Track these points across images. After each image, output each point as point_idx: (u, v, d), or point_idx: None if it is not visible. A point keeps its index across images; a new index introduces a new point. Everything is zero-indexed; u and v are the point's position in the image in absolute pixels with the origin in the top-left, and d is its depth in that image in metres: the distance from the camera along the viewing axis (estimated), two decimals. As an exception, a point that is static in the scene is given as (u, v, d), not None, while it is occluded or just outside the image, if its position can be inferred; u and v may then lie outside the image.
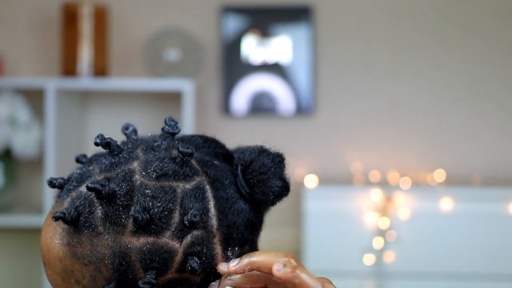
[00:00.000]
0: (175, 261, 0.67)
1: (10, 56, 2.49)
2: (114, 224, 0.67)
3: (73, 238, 0.68)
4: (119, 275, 0.67)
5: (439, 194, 2.14)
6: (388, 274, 2.12)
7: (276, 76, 2.46)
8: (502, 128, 2.46)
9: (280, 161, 0.73)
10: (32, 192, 2.49)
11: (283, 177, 0.73)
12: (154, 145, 0.73)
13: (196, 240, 0.68)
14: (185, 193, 0.68)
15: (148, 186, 0.68)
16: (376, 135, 2.47)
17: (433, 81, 2.47)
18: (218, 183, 0.71)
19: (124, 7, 2.50)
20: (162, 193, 0.68)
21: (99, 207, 0.68)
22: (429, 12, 2.47)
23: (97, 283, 0.68)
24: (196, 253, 0.68)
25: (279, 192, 0.72)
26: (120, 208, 0.67)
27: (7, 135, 2.25)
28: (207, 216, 0.69)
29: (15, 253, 2.52)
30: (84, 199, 0.69)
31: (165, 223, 0.67)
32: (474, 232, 2.12)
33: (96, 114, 2.52)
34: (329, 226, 2.14)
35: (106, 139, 0.71)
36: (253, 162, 0.72)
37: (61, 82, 2.23)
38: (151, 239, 0.67)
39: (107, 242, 0.67)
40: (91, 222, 0.67)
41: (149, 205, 0.67)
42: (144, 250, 0.66)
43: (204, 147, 0.76)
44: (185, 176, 0.69)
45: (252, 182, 0.72)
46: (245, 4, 2.47)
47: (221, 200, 0.70)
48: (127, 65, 2.50)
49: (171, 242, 0.67)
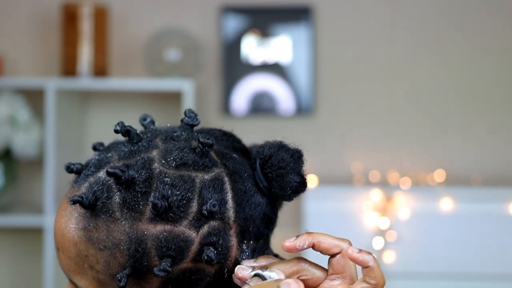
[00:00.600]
0: (191, 251, 0.67)
1: (10, 56, 2.49)
2: (131, 210, 0.67)
3: (90, 223, 0.68)
4: (134, 261, 0.66)
5: (439, 194, 2.14)
6: (388, 274, 2.12)
7: (276, 76, 2.46)
8: (502, 128, 2.46)
9: (299, 156, 0.74)
10: (32, 192, 2.49)
11: (301, 173, 0.73)
12: (173, 135, 0.73)
13: (213, 231, 0.68)
14: (204, 183, 0.68)
15: (167, 174, 0.68)
16: (376, 135, 2.47)
17: (433, 81, 2.47)
18: (237, 175, 0.71)
19: (124, 7, 2.50)
20: (181, 182, 0.68)
21: (117, 193, 0.68)
22: (429, 12, 2.47)
23: (111, 268, 0.67)
24: (212, 243, 0.68)
25: (297, 188, 0.72)
26: (138, 194, 0.67)
27: (7, 135, 2.25)
28: (225, 207, 0.69)
29: (15, 253, 2.52)
30: (102, 184, 0.68)
31: (183, 211, 0.67)
32: (474, 232, 2.12)
33: (96, 114, 2.52)
34: (329, 226, 2.14)
35: (126, 126, 0.71)
36: (272, 156, 0.72)
37: (61, 82, 2.23)
38: (168, 227, 0.67)
39: (123, 228, 0.67)
40: (109, 207, 0.67)
41: (168, 193, 0.67)
42: (160, 237, 0.66)
43: (222, 140, 0.76)
44: (204, 167, 0.69)
45: (270, 176, 0.72)
46: (245, 4, 2.47)
47: (239, 192, 0.70)
48: (127, 65, 2.50)
49: (188, 231, 0.67)
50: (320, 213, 2.15)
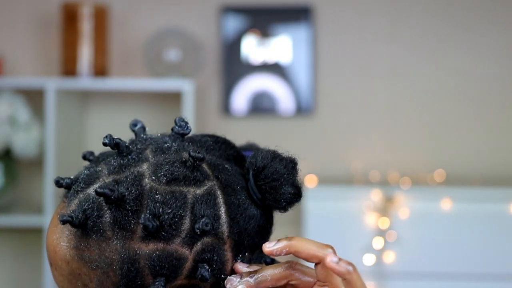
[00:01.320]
0: (185, 268, 0.66)
1: (10, 56, 2.49)
2: (123, 229, 0.66)
3: (81, 242, 0.67)
4: (127, 281, 0.66)
5: (439, 194, 2.14)
6: (388, 274, 2.12)
7: (276, 76, 2.46)
8: (502, 128, 2.46)
9: (293, 167, 0.71)
10: (32, 192, 2.49)
11: (296, 184, 0.71)
12: (164, 147, 0.71)
13: (207, 247, 0.67)
14: (196, 199, 0.67)
15: (158, 191, 0.67)
16: (376, 135, 2.47)
17: (433, 81, 2.47)
18: (230, 188, 0.69)
19: (124, 7, 2.50)
20: (173, 199, 0.66)
21: (108, 212, 0.66)
22: (429, 12, 2.47)
23: (104, 287, 0.67)
24: (207, 260, 0.67)
25: (291, 199, 0.70)
26: (129, 213, 0.66)
27: (7, 135, 2.25)
28: (218, 223, 0.67)
29: (15, 253, 2.52)
30: (92, 202, 0.67)
31: (175, 229, 0.66)
32: (474, 232, 2.12)
33: (96, 114, 2.52)
34: (329, 226, 2.14)
35: (115, 139, 0.70)
36: (266, 168, 0.70)
37: (61, 82, 2.23)
38: (160, 245, 0.65)
39: (115, 247, 0.66)
40: (100, 226, 0.66)
41: (159, 211, 0.65)
42: (153, 256, 0.65)
43: (215, 149, 0.74)
44: (196, 181, 0.68)
45: (264, 188, 0.70)
46: (245, 4, 2.47)
47: (232, 206, 0.69)
48: (127, 65, 2.50)
49: (181, 249, 0.66)
50: (320, 213, 2.15)
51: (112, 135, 0.70)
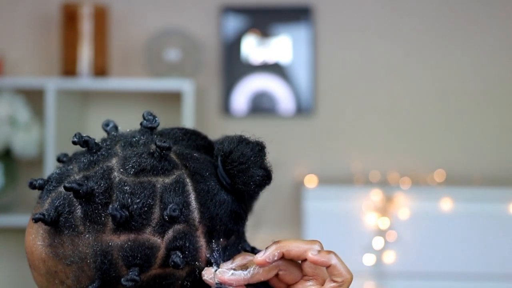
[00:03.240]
0: (158, 257, 0.67)
1: (10, 56, 2.49)
2: (94, 222, 0.67)
3: (55, 239, 0.68)
4: (102, 273, 0.66)
5: (439, 194, 2.14)
6: (388, 274, 2.12)
7: (276, 76, 2.46)
8: (502, 128, 2.46)
9: (260, 149, 0.72)
10: (32, 192, 2.48)
11: (264, 166, 0.71)
12: (132, 141, 0.72)
13: (178, 235, 0.67)
14: (165, 187, 0.68)
15: (126, 182, 0.67)
16: (376, 135, 2.47)
17: (433, 81, 2.47)
18: (198, 175, 0.70)
19: (124, 7, 2.50)
20: (141, 189, 0.67)
21: (79, 207, 0.67)
22: (429, 13, 2.47)
23: (81, 282, 0.68)
24: (179, 247, 0.67)
25: (261, 182, 0.71)
26: (99, 206, 0.67)
27: (7, 135, 2.25)
28: (188, 209, 0.68)
29: (15, 253, 2.52)
30: (63, 199, 0.68)
31: (145, 219, 0.66)
32: (474, 232, 2.12)
33: (96, 114, 2.52)
34: (329, 226, 2.14)
35: (84, 137, 0.71)
36: (232, 152, 0.71)
37: (61, 82, 2.23)
38: (132, 236, 0.66)
39: (88, 241, 0.67)
40: (71, 222, 0.67)
41: (128, 201, 0.66)
42: (125, 247, 0.66)
43: (184, 139, 0.75)
44: (164, 170, 0.69)
45: (232, 172, 0.71)
46: (245, 4, 2.47)
47: (201, 192, 0.69)
48: (127, 65, 2.50)
49: (152, 238, 0.67)
50: (320, 213, 2.15)
51: (81, 133, 0.72)
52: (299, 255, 0.67)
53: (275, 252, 0.67)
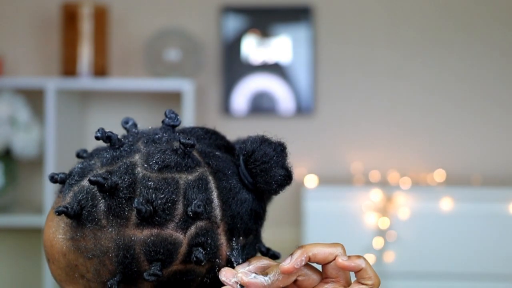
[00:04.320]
0: (180, 253, 0.67)
1: (10, 56, 2.49)
2: (117, 217, 0.67)
3: (76, 232, 0.68)
4: (123, 267, 0.67)
5: (439, 194, 2.14)
6: (388, 274, 2.12)
7: (276, 76, 2.46)
8: (502, 128, 2.46)
9: (282, 150, 0.72)
10: (32, 192, 2.49)
11: (285, 166, 0.72)
12: (155, 138, 0.73)
13: (200, 231, 0.68)
14: (188, 184, 0.68)
15: (150, 178, 0.68)
16: (376, 135, 2.47)
17: (433, 81, 2.47)
18: (221, 173, 0.71)
19: (124, 7, 2.50)
20: (165, 185, 0.68)
21: (102, 201, 0.68)
22: (429, 12, 2.47)
23: (101, 276, 0.68)
24: (201, 243, 0.68)
25: (282, 181, 0.72)
26: (123, 200, 0.67)
27: (7, 135, 2.25)
28: (211, 206, 0.69)
29: (15, 253, 2.52)
30: (86, 193, 0.69)
31: (168, 214, 0.67)
32: (474, 232, 2.12)
33: (96, 114, 2.52)
34: (329, 226, 2.14)
35: (107, 132, 0.71)
36: (255, 151, 0.71)
37: (61, 82, 2.23)
38: (155, 231, 0.67)
39: (110, 235, 0.67)
40: (94, 215, 0.68)
41: (152, 197, 0.67)
42: (148, 242, 0.66)
43: (205, 138, 0.76)
44: (188, 167, 0.69)
45: (254, 171, 0.71)
46: (245, 4, 2.47)
47: (224, 190, 0.70)
48: (127, 65, 2.50)
49: (175, 234, 0.67)
50: (320, 213, 2.15)
51: (104, 128, 0.72)
52: (324, 258, 0.67)
53: (302, 257, 0.67)
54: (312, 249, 0.67)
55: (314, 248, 0.67)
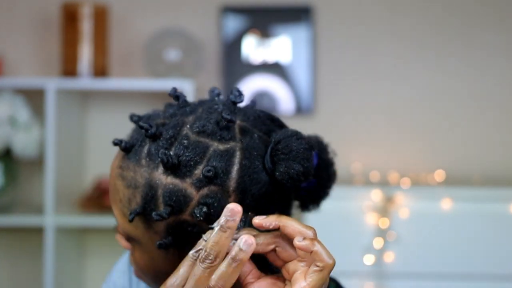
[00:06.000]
0: (190, 206, 0.77)
1: (10, 56, 2.49)
2: (152, 160, 0.78)
3: (124, 163, 0.81)
4: (145, 203, 0.78)
5: (439, 194, 2.14)
6: (388, 274, 2.12)
7: (276, 76, 2.46)
8: (502, 129, 2.46)
9: (307, 149, 0.79)
10: (32, 192, 2.49)
11: (304, 164, 0.78)
12: (213, 107, 0.83)
13: (211, 194, 0.77)
14: (215, 152, 0.77)
15: (188, 137, 0.78)
16: (376, 135, 2.47)
17: (433, 81, 2.47)
18: (248, 152, 0.78)
19: (124, 7, 2.50)
20: (196, 147, 0.78)
21: (147, 144, 0.80)
22: (430, 12, 2.47)
23: (131, 205, 0.80)
24: (208, 204, 0.76)
25: (295, 176, 0.78)
26: (160, 149, 0.78)
27: (7, 135, 2.25)
28: (227, 177, 0.77)
29: (15, 253, 2.52)
30: (141, 134, 0.81)
31: (189, 171, 0.77)
32: (474, 232, 2.12)
33: (96, 114, 2.52)
34: (329, 226, 2.14)
35: (177, 92, 0.84)
36: (281, 142, 0.79)
37: (61, 82, 2.23)
38: (175, 181, 0.77)
39: (144, 174, 0.79)
40: (139, 154, 0.80)
41: (181, 153, 0.77)
42: (167, 188, 0.77)
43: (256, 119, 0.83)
44: (221, 138, 0.78)
45: (275, 159, 0.78)
46: (245, 4, 2.48)
47: (244, 167, 0.78)
48: (127, 65, 2.50)
49: (190, 189, 0.77)
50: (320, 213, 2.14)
51: (177, 88, 0.84)
52: (291, 233, 0.73)
53: (272, 221, 0.74)
54: (286, 221, 0.74)
55: (288, 221, 0.74)
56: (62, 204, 2.31)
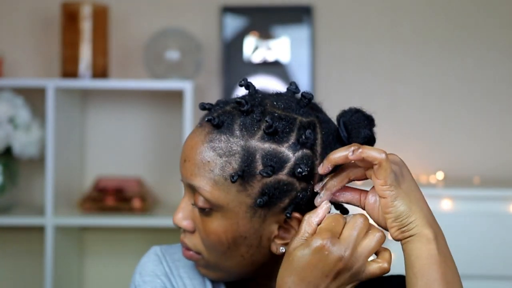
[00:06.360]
0: (287, 166, 0.90)
1: (10, 56, 2.49)
2: (248, 130, 0.90)
3: (215, 137, 0.91)
4: (245, 166, 0.89)
5: (439, 194, 2.14)
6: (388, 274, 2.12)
7: (275, 76, 2.46)
8: (503, 130, 2.46)
9: (371, 120, 1.02)
10: (32, 192, 2.49)
11: (371, 130, 1.02)
12: (279, 93, 0.98)
13: (305, 156, 0.91)
14: (302, 123, 0.92)
15: (276, 112, 0.92)
16: (376, 135, 2.46)
17: (433, 82, 2.47)
18: (326, 124, 0.95)
19: (124, 7, 2.50)
20: (287, 118, 0.91)
21: (239, 118, 0.91)
22: (429, 12, 2.47)
23: (225, 172, 0.90)
24: (303, 164, 0.90)
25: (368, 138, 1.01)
26: (255, 120, 0.91)
27: (7, 135, 2.25)
28: (315, 143, 0.92)
29: (15, 253, 2.52)
30: (228, 112, 0.92)
31: (285, 137, 0.90)
32: (474, 233, 2.12)
33: (96, 114, 2.52)
34: (329, 226, 2.13)
35: (248, 82, 0.96)
36: (353, 115, 0.98)
37: (61, 82, 2.23)
38: (273, 145, 0.90)
39: (240, 143, 0.90)
40: (231, 127, 0.91)
41: (276, 123, 0.90)
42: (267, 151, 0.90)
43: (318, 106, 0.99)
44: (304, 112, 0.94)
45: (350, 128, 0.97)
46: (245, 4, 2.48)
47: (325, 135, 0.94)
48: (127, 65, 2.50)
49: (287, 151, 0.90)
50: (320, 213, 2.14)
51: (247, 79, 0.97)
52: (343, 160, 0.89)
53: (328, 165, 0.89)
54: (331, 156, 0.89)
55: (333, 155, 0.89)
56: (62, 204, 2.31)
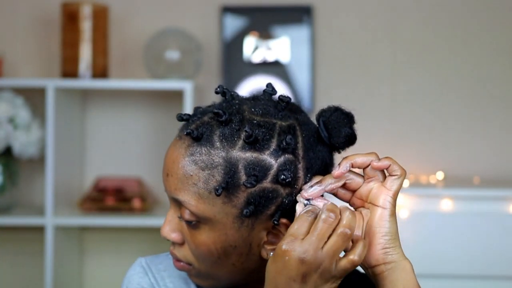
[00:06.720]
0: (270, 174, 0.89)
1: (10, 56, 2.49)
2: (228, 141, 0.89)
3: (196, 150, 0.90)
4: (228, 177, 0.88)
5: (439, 194, 2.14)
6: (388, 274, 2.12)
7: (275, 76, 2.46)
8: (503, 130, 2.46)
9: (351, 117, 0.95)
10: (32, 192, 2.49)
11: (352, 128, 0.95)
12: (256, 97, 0.97)
13: (287, 161, 0.90)
14: (282, 127, 0.91)
15: (255, 119, 0.91)
16: (376, 135, 2.47)
17: (433, 82, 2.47)
18: (306, 126, 0.94)
19: (124, 7, 2.50)
20: (266, 124, 0.90)
21: (218, 129, 0.90)
22: (429, 12, 2.47)
23: (209, 184, 0.89)
24: (287, 170, 0.90)
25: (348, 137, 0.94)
26: (234, 130, 0.90)
27: (7, 135, 2.25)
28: (296, 146, 0.91)
29: (16, 253, 2.52)
30: (206, 123, 0.91)
31: (266, 144, 0.89)
32: (474, 232, 2.12)
33: (96, 114, 2.52)
34: (329, 226, 2.13)
35: (225, 89, 0.95)
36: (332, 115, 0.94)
37: (61, 82, 2.23)
38: (255, 154, 0.89)
39: (221, 154, 0.89)
40: (211, 139, 0.90)
41: (256, 130, 0.89)
42: (249, 161, 0.89)
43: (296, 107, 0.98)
44: (282, 116, 0.92)
45: (330, 127, 0.93)
46: (245, 4, 2.48)
47: (306, 138, 0.92)
48: (127, 65, 2.50)
49: (269, 159, 0.90)
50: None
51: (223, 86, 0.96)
52: (363, 163, 0.91)
53: (346, 164, 0.90)
54: (353, 157, 0.91)
55: (355, 156, 0.91)
56: (62, 203, 2.31)
